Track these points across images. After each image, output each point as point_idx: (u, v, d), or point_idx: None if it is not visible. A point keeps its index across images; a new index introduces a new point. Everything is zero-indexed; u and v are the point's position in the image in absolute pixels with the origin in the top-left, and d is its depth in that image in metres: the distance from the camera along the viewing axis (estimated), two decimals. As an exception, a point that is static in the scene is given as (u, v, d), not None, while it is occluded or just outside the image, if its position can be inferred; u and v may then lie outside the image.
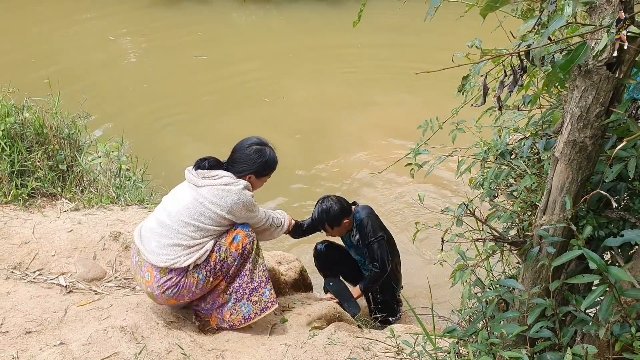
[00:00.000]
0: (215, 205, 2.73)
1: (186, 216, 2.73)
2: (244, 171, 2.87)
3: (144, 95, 7.53)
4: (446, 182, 5.67)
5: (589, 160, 1.67)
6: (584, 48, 1.36)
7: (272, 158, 2.95)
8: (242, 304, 2.91)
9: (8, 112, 3.97)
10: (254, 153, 2.89)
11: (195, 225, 2.72)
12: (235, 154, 2.92)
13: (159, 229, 2.76)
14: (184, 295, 2.79)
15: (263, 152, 2.91)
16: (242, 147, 2.91)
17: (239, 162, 2.88)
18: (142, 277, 2.78)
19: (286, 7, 10.76)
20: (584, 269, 1.85)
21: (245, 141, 2.94)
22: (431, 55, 8.12)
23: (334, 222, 3.58)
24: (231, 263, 2.85)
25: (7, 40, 9.12)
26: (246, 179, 2.87)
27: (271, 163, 2.95)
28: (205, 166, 2.84)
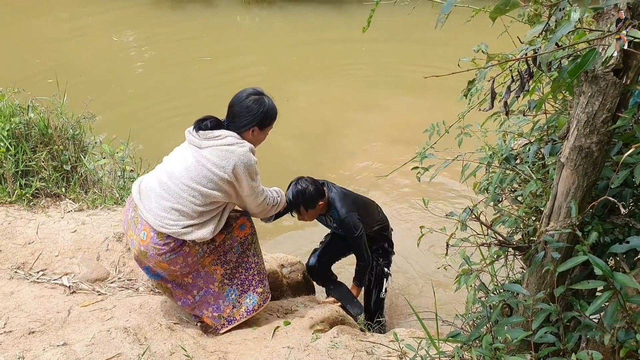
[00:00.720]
0: (218, 166, 2.61)
1: (188, 179, 2.62)
2: (246, 124, 2.73)
3: (149, 97, 7.54)
4: (451, 186, 5.67)
5: (594, 166, 1.67)
6: (593, 54, 1.36)
7: (272, 106, 2.81)
8: (248, 296, 2.92)
9: (13, 112, 3.99)
10: (254, 103, 2.74)
11: (197, 190, 2.61)
12: (233, 108, 2.77)
13: (159, 190, 2.67)
14: (178, 263, 2.72)
15: (262, 101, 2.77)
16: (239, 100, 2.75)
17: (240, 115, 2.74)
18: (137, 235, 2.70)
19: (290, 10, 10.77)
20: (589, 274, 1.85)
21: (241, 93, 2.78)
22: (436, 59, 8.13)
23: (309, 205, 3.45)
24: (229, 248, 2.83)
25: (12, 40, 9.15)
26: (250, 133, 2.75)
27: (272, 111, 2.81)
28: (207, 126, 2.71)
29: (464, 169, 2.36)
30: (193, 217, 2.64)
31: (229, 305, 2.91)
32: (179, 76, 8.17)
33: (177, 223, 2.62)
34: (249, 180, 2.69)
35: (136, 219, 2.71)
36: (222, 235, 2.81)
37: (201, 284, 2.89)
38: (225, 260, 2.87)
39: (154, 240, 2.64)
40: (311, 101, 7.55)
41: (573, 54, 1.60)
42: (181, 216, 2.63)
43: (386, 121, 6.91)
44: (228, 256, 2.88)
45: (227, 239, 2.86)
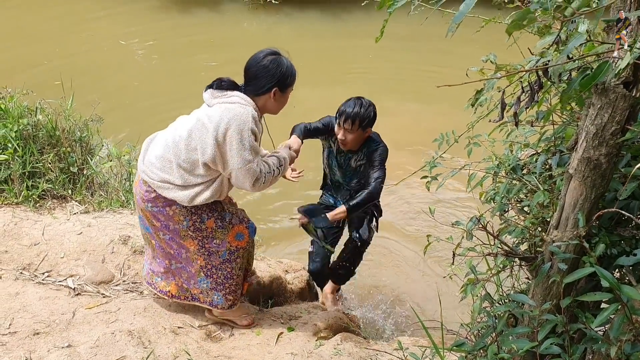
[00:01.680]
0: (212, 121, 2.50)
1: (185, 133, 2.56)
2: (265, 86, 2.59)
3: (156, 101, 7.56)
4: (457, 194, 5.66)
5: (603, 178, 1.67)
6: (606, 66, 1.37)
7: (290, 65, 2.66)
8: (216, 294, 2.88)
9: (21, 113, 4.01)
10: (271, 63, 2.59)
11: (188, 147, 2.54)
12: (250, 70, 2.61)
13: (161, 140, 2.67)
14: (159, 220, 2.68)
15: (280, 60, 2.62)
16: (256, 61, 2.61)
17: (259, 77, 2.59)
18: (136, 177, 2.77)
19: (296, 17, 10.81)
20: (595, 286, 1.85)
21: (258, 54, 2.64)
22: (444, 67, 8.13)
23: (366, 124, 3.34)
24: (215, 250, 2.76)
25: (21, 41, 9.20)
26: (271, 96, 2.62)
27: (292, 70, 2.67)
28: (221, 86, 2.59)
29: (470, 179, 2.36)
30: (175, 175, 2.57)
31: (199, 289, 2.88)
32: (186, 80, 8.19)
33: (157, 174, 2.60)
34: (239, 149, 2.48)
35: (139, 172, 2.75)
36: (212, 222, 2.70)
37: (181, 260, 2.84)
38: (209, 259, 2.81)
39: (141, 184, 2.68)
40: (318, 107, 7.54)
41: (583, 66, 1.61)
42: (165, 168, 2.58)
43: (392, 127, 6.90)
44: (212, 257, 2.80)
45: (218, 237, 2.75)
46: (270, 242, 4.96)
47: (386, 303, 4.29)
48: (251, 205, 5.29)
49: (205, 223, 2.71)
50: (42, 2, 11.31)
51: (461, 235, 2.07)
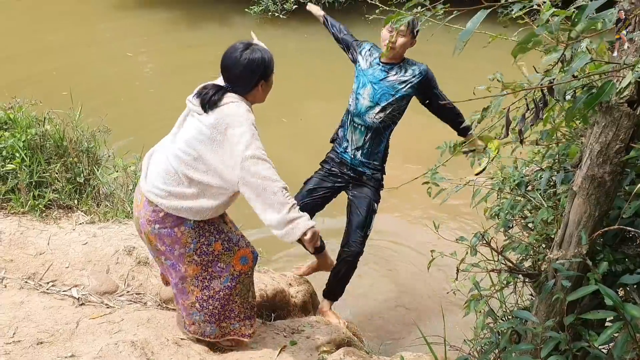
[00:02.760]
0: (211, 126, 2.47)
1: (185, 146, 2.51)
2: (251, 82, 2.56)
3: (162, 112, 7.59)
4: (461, 210, 5.66)
5: (607, 196, 1.68)
6: (609, 85, 1.38)
7: (265, 50, 2.60)
8: (209, 325, 2.81)
9: (30, 123, 4.04)
10: (253, 59, 2.53)
11: (192, 158, 2.49)
12: (232, 72, 2.55)
13: (161, 157, 2.60)
14: (165, 243, 2.58)
15: (257, 52, 2.55)
16: (235, 61, 2.53)
17: (243, 76, 2.54)
18: (135, 200, 2.66)
19: (302, 31, 10.88)
20: (599, 304, 1.84)
21: (233, 54, 2.54)
22: (450, 82, 8.15)
23: (417, 31, 3.31)
24: (218, 274, 2.68)
25: (30, 52, 9.29)
26: (259, 89, 2.61)
27: (269, 55, 2.60)
28: (213, 101, 2.51)
29: (474, 195, 2.37)
30: (180, 187, 2.50)
31: (191, 320, 2.82)
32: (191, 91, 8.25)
33: (162, 189, 2.51)
34: (247, 141, 2.43)
35: (139, 188, 2.65)
36: (219, 245, 2.65)
37: (176, 290, 2.77)
38: (207, 288, 2.71)
39: (146, 205, 2.56)
40: (323, 120, 7.59)
41: (587, 84, 1.62)
42: (170, 181, 2.51)
43: (398, 140, 6.92)
44: (213, 283, 2.71)
45: (222, 260, 2.69)
46: (272, 256, 4.95)
47: (389, 317, 4.28)
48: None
49: (213, 245, 2.64)
50: (51, 14, 11.44)
51: (465, 251, 2.08)
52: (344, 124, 3.71)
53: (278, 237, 2.43)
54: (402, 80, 3.44)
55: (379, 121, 3.48)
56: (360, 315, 4.35)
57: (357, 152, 3.58)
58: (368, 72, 3.52)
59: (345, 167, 3.67)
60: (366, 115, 3.51)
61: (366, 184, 3.65)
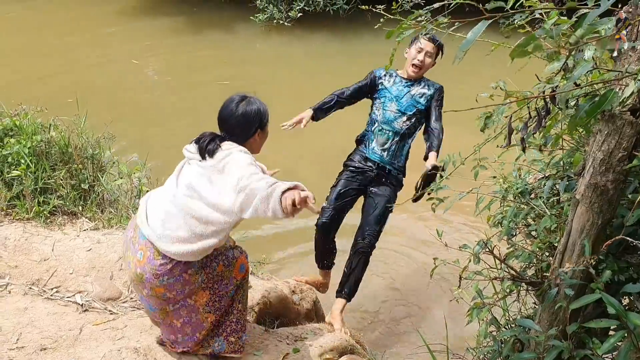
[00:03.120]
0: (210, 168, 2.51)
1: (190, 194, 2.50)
2: (249, 132, 2.64)
3: (167, 119, 7.64)
4: (464, 218, 5.65)
5: (610, 204, 1.68)
6: (611, 94, 1.38)
7: (261, 102, 2.68)
8: (217, 340, 2.76)
9: (35, 130, 4.06)
10: (247, 110, 2.62)
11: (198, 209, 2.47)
12: (229, 123, 2.63)
13: (163, 207, 2.54)
14: (175, 289, 2.53)
15: (253, 104, 2.64)
16: (231, 113, 2.62)
17: (240, 126, 2.62)
18: (133, 255, 2.54)
19: (307, 38, 10.92)
20: (602, 312, 1.84)
21: (229, 105, 2.63)
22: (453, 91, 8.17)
23: (441, 54, 3.82)
24: (224, 292, 2.67)
25: (36, 59, 9.35)
26: (256, 138, 2.67)
27: (265, 107, 2.69)
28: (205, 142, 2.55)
29: (478, 202, 2.37)
30: (186, 230, 2.48)
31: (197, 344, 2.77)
32: (197, 99, 8.28)
33: (169, 235, 2.47)
34: (244, 165, 2.46)
35: (134, 239, 2.57)
36: (221, 266, 2.65)
37: (189, 330, 2.70)
38: (219, 306, 2.69)
39: (151, 260, 2.48)
40: (327, 128, 7.60)
41: (590, 92, 1.62)
42: (175, 226, 2.48)
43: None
44: (223, 301, 2.70)
45: (226, 277, 2.68)
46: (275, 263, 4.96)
47: (392, 325, 4.27)
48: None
49: (216, 269, 2.63)
50: (56, 21, 11.53)
51: (468, 259, 2.08)
52: (369, 130, 4.03)
53: (271, 217, 2.37)
54: (423, 93, 3.89)
55: (406, 128, 3.87)
56: (364, 322, 4.34)
57: (383, 153, 3.91)
58: (392, 88, 3.93)
59: (370, 162, 3.94)
60: (394, 122, 3.88)
61: (387, 183, 3.94)
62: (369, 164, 3.93)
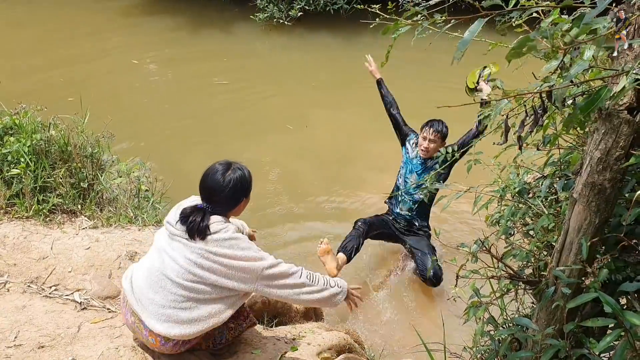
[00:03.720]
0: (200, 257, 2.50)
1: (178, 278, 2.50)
2: (237, 202, 2.65)
3: (166, 119, 7.65)
4: (462, 217, 5.65)
5: (607, 203, 1.68)
6: (604, 91, 1.38)
7: (246, 172, 2.69)
8: (217, 329, 2.81)
9: (35, 128, 4.07)
10: (234, 181, 2.61)
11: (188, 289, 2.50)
12: (218, 195, 2.60)
13: (152, 293, 2.54)
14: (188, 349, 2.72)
15: (237, 173, 2.64)
16: (219, 185, 2.58)
17: (229, 199, 2.62)
18: (145, 339, 2.61)
19: (307, 38, 10.92)
20: (599, 311, 1.84)
21: (216, 177, 2.60)
22: (452, 89, 8.18)
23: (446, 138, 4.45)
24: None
25: (36, 59, 9.36)
26: (241, 207, 2.69)
27: (249, 174, 2.70)
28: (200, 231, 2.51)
29: (476, 201, 2.37)
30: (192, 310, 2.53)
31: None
32: (196, 98, 8.29)
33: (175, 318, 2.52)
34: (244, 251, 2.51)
35: (138, 324, 2.60)
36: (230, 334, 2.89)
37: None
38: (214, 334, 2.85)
39: (163, 343, 2.58)
40: (327, 127, 7.62)
41: (587, 91, 1.62)
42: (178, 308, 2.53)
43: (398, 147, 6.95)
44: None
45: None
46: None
47: (390, 324, 4.27)
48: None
49: (226, 335, 2.84)
50: (57, 19, 11.53)
51: (465, 258, 2.07)
52: (394, 195, 4.75)
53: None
54: (436, 162, 4.43)
55: (426, 197, 4.26)
56: (361, 321, 4.34)
57: (407, 213, 4.63)
58: (413, 161, 4.59)
59: (399, 218, 4.69)
60: (415, 194, 4.56)
61: (419, 235, 4.56)
62: (398, 219, 4.69)
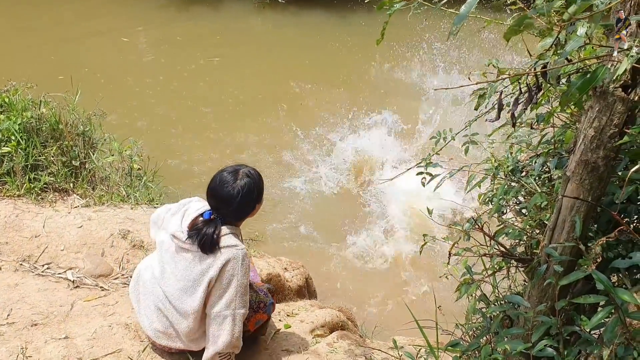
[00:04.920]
0: (210, 269, 2.43)
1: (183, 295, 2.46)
2: (250, 209, 2.59)
3: (158, 97, 7.59)
4: (456, 195, 5.67)
5: (600, 181, 1.68)
6: (602, 70, 1.37)
7: (257, 177, 2.60)
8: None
9: (25, 106, 4.02)
10: (247, 189, 2.51)
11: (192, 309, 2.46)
12: (229, 206, 2.50)
13: (155, 303, 2.53)
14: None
15: (251, 180, 2.54)
16: (231, 196, 2.48)
17: (242, 207, 2.53)
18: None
19: (302, 15, 10.82)
20: (591, 289, 1.85)
21: (227, 188, 2.49)
22: (445, 70, 8.17)
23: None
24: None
25: (25, 36, 9.23)
26: (254, 211, 2.62)
27: (260, 180, 2.62)
28: (210, 242, 2.43)
29: (469, 180, 2.36)
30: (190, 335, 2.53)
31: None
32: (190, 78, 8.22)
33: (170, 339, 2.55)
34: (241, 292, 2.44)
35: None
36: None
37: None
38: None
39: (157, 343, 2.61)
40: (322, 105, 7.61)
41: (582, 68, 1.61)
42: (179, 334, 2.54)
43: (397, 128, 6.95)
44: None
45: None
46: (268, 240, 4.97)
47: (382, 301, 4.30)
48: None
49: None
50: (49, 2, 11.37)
51: (458, 236, 2.08)
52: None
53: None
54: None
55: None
56: (355, 300, 4.37)
57: None
58: None
59: None
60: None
61: None
62: None
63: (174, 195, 4.65)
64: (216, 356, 2.46)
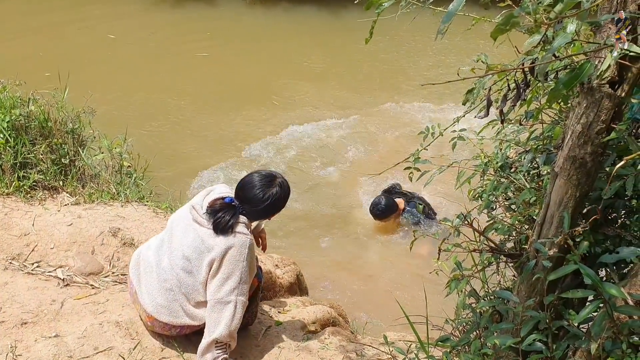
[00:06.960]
0: (213, 250, 2.52)
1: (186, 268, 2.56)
2: (269, 215, 2.70)
3: (148, 93, 7.55)
4: (445, 192, 5.69)
5: (588, 177, 1.69)
6: (587, 66, 1.38)
7: (287, 190, 2.69)
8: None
9: (14, 104, 3.99)
10: (276, 199, 2.62)
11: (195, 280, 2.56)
12: (257, 206, 2.61)
13: (156, 275, 2.62)
14: (184, 330, 2.73)
15: (279, 189, 2.64)
16: (260, 199, 2.59)
17: (264, 211, 2.64)
18: (142, 311, 2.68)
19: (294, 12, 10.79)
20: (579, 284, 1.86)
21: (253, 191, 2.60)
22: (436, 66, 8.18)
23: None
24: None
25: (13, 33, 9.16)
26: (273, 216, 2.73)
27: (288, 193, 2.71)
28: (224, 222, 2.52)
29: (459, 176, 2.38)
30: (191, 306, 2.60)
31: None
32: (180, 73, 8.19)
33: (172, 314, 2.61)
34: (238, 280, 2.50)
35: (136, 297, 2.70)
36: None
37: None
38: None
39: (158, 321, 2.63)
40: (314, 101, 7.61)
41: (570, 65, 1.62)
42: (173, 304, 2.60)
43: (387, 123, 6.96)
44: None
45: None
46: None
47: (373, 298, 4.31)
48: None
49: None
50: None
51: (448, 231, 2.09)
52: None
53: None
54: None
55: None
56: (345, 296, 4.38)
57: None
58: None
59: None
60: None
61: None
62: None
63: (165, 193, 4.64)
64: (213, 344, 2.49)
